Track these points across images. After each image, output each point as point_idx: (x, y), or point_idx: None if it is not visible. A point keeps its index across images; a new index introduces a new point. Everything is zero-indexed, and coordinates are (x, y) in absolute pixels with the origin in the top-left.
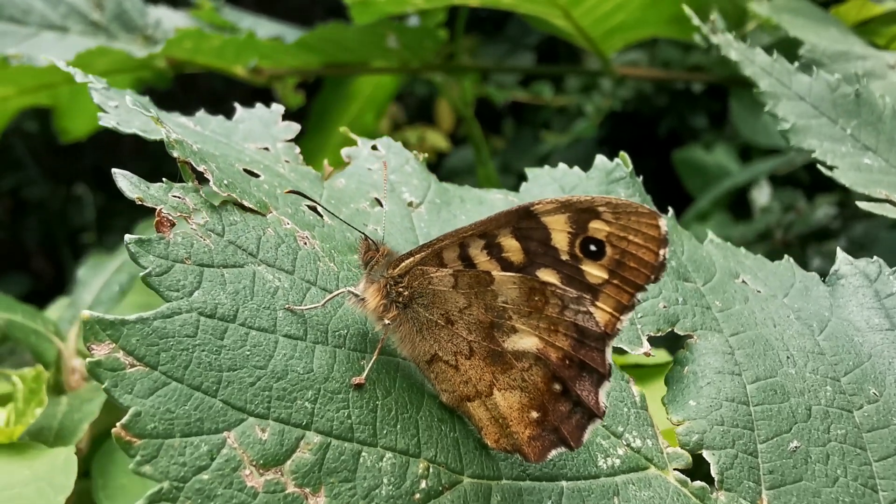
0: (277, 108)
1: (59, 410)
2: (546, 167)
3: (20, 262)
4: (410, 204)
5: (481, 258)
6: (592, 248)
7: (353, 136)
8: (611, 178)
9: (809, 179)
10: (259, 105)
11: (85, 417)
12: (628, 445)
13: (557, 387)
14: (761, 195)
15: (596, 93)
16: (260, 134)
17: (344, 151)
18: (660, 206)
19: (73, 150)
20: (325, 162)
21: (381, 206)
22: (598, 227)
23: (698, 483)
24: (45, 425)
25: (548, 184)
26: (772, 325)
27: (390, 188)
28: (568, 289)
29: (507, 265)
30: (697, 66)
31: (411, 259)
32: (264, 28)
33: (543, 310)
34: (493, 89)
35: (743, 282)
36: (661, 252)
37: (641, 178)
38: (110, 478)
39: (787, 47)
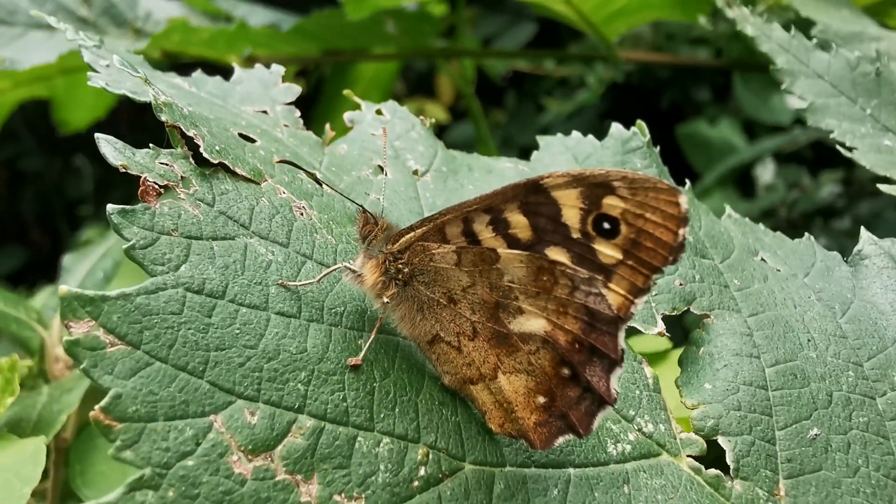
0: (277, 69)
1: (39, 401)
2: (559, 135)
3: (18, 234)
4: (415, 172)
5: (486, 234)
6: (606, 225)
7: (357, 99)
8: (626, 148)
9: (814, 156)
10: (258, 66)
11: (64, 408)
12: (640, 430)
13: (566, 371)
14: (765, 172)
15: (598, 64)
16: (258, 96)
17: (347, 115)
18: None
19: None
20: (327, 126)
21: (385, 174)
22: (612, 204)
23: (713, 471)
24: (24, 416)
25: (560, 152)
26: (792, 305)
27: (394, 155)
28: (579, 269)
29: (513, 242)
30: (702, 39)
31: (412, 234)
32: (259, 16)
33: (552, 291)
34: (494, 60)
35: (762, 259)
36: (681, 231)
37: (658, 148)
38: (89, 464)
39: (799, 30)
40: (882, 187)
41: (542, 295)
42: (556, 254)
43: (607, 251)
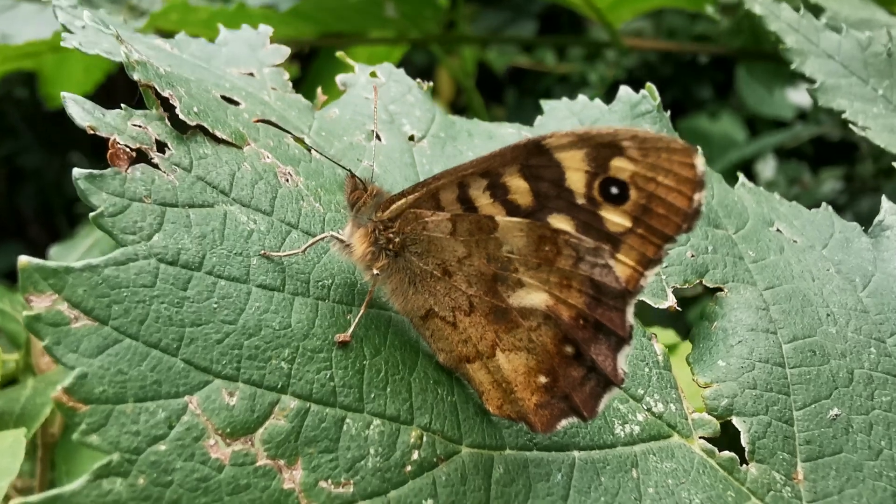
0: (265, 30)
1: (23, 394)
2: (564, 99)
3: (16, 231)
4: (412, 138)
5: (483, 201)
6: (614, 190)
7: (351, 61)
8: (636, 112)
9: (814, 153)
10: (245, 26)
11: (47, 402)
12: (649, 410)
13: (569, 349)
14: (766, 168)
15: (600, 61)
16: (245, 58)
17: (339, 78)
18: None
19: (69, 117)
20: (319, 90)
21: (379, 139)
22: (621, 166)
23: (727, 454)
24: (7, 410)
25: (565, 117)
26: (810, 278)
27: (389, 120)
28: (584, 238)
29: (513, 209)
30: (704, 36)
31: (403, 200)
32: None
33: (555, 262)
34: (495, 56)
35: (777, 230)
36: (696, 196)
37: (669, 112)
38: (75, 464)
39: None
40: None
41: (543, 266)
42: (560, 221)
43: (615, 218)
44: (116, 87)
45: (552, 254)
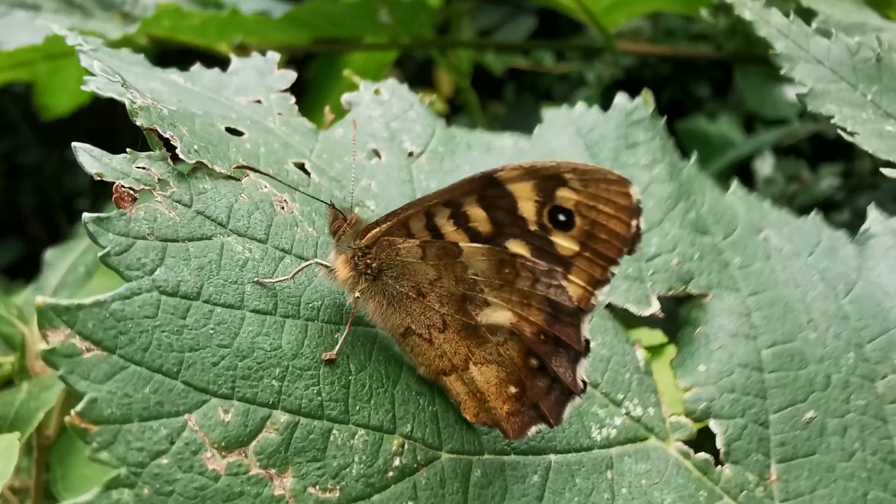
0: (273, 56)
1: (18, 398)
2: (563, 106)
3: (15, 227)
4: (411, 154)
5: (448, 228)
6: (562, 217)
7: (357, 79)
8: (630, 120)
9: (812, 150)
10: (255, 54)
11: (42, 405)
12: (627, 414)
13: (534, 362)
14: (764, 166)
15: (598, 61)
16: (254, 86)
17: (344, 97)
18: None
19: (69, 114)
20: (327, 109)
21: (379, 157)
22: (565, 196)
23: (702, 455)
24: (2, 413)
25: (563, 125)
26: (794, 285)
27: (391, 137)
28: (538, 261)
29: (475, 236)
30: (702, 35)
31: (378, 229)
32: (251, 2)
33: (515, 283)
34: (492, 57)
35: (766, 237)
36: (634, 223)
37: (665, 118)
38: (69, 468)
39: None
40: (886, 171)
41: (505, 287)
42: (516, 246)
43: (564, 243)
44: None
45: (512, 276)
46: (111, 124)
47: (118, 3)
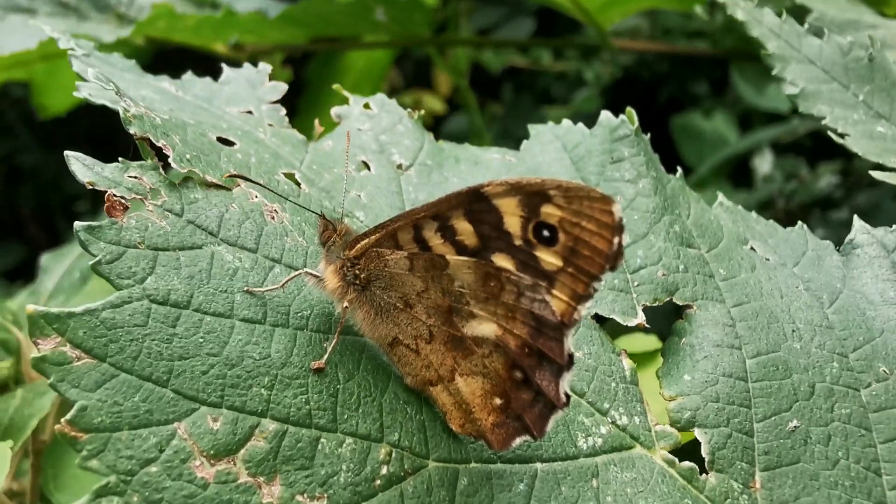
0: (265, 68)
1: (12, 404)
2: (550, 123)
3: (15, 230)
4: (400, 167)
5: (436, 241)
6: (546, 233)
7: (346, 93)
8: (615, 136)
9: (812, 147)
10: (247, 65)
11: (36, 412)
12: (613, 423)
13: (519, 375)
14: (763, 163)
15: (596, 59)
16: (245, 96)
17: (334, 111)
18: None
19: (67, 116)
20: (316, 122)
21: (369, 169)
22: (549, 212)
23: (687, 463)
24: None
25: (550, 141)
26: (779, 295)
27: (380, 149)
28: (523, 275)
29: (461, 249)
30: (700, 32)
31: (366, 240)
32: (246, 2)
33: (500, 296)
34: (490, 55)
35: (751, 248)
36: (615, 240)
37: (649, 135)
38: (62, 468)
39: (795, 17)
40: (875, 174)
41: (490, 300)
42: (502, 260)
43: (548, 258)
44: None
45: (497, 289)
46: (110, 127)
47: (113, 5)
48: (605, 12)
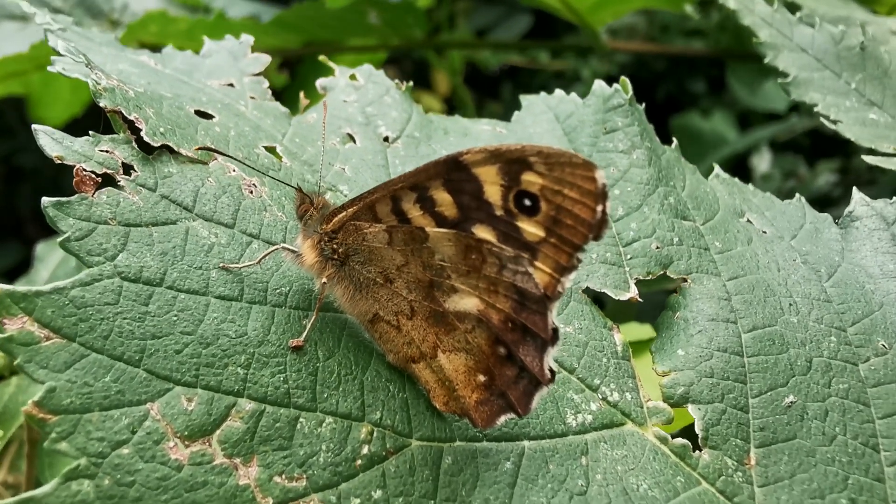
0: (247, 39)
1: (7, 392)
2: (542, 94)
3: (13, 230)
4: (386, 139)
5: (415, 212)
6: (527, 202)
7: (332, 64)
8: (608, 106)
9: (810, 145)
10: (228, 37)
11: (28, 400)
12: (604, 399)
13: (502, 350)
14: (762, 162)
15: (593, 57)
16: (227, 69)
17: (319, 82)
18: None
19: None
20: (301, 94)
21: (354, 141)
22: (530, 180)
23: (679, 440)
24: None
25: (542, 112)
26: (775, 269)
27: (366, 122)
28: (504, 247)
29: (441, 220)
30: (697, 30)
31: (344, 213)
32: (239, 7)
33: (482, 269)
34: (487, 54)
35: (748, 221)
36: (599, 208)
37: (644, 105)
38: (57, 458)
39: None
40: (867, 158)
41: (472, 273)
42: (483, 231)
43: (530, 228)
44: None
45: (478, 262)
46: (109, 127)
47: (107, 11)
48: (595, 13)
